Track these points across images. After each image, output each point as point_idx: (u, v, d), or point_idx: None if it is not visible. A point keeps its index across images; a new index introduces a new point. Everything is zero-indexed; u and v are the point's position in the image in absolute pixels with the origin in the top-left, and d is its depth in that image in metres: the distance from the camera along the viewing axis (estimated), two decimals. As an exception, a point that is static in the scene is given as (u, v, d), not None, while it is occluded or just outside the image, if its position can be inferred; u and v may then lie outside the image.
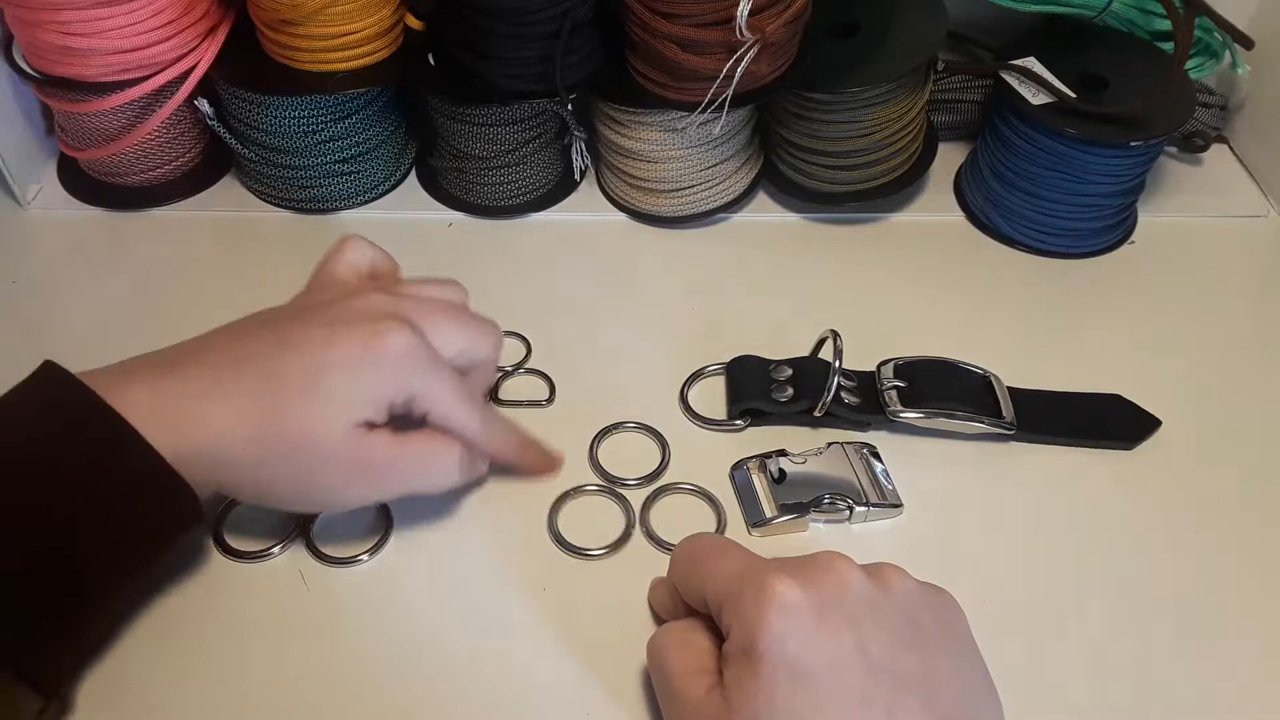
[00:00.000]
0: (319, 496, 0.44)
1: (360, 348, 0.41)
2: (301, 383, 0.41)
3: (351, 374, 0.41)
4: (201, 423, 0.40)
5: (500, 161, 0.62)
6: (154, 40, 0.58)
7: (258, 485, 0.42)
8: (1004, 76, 0.61)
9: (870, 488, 0.49)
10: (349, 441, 0.41)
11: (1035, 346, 0.57)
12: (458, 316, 0.46)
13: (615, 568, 0.47)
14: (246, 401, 0.40)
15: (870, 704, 0.34)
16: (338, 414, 0.41)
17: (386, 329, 0.42)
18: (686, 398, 0.54)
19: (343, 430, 0.41)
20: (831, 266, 0.62)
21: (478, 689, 0.42)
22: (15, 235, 0.63)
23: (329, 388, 0.41)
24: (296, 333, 0.42)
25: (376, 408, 0.42)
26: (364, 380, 0.41)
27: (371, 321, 0.42)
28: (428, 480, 0.45)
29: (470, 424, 0.44)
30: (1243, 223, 0.66)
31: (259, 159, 0.63)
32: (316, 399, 0.41)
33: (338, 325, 0.42)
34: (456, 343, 0.45)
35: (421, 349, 0.42)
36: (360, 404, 0.41)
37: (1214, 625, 0.45)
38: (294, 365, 0.41)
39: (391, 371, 0.42)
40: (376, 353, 0.41)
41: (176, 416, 0.39)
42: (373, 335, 0.41)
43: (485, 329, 0.47)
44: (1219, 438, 0.53)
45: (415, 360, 0.42)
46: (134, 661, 0.43)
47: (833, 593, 0.36)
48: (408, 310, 0.43)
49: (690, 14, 0.54)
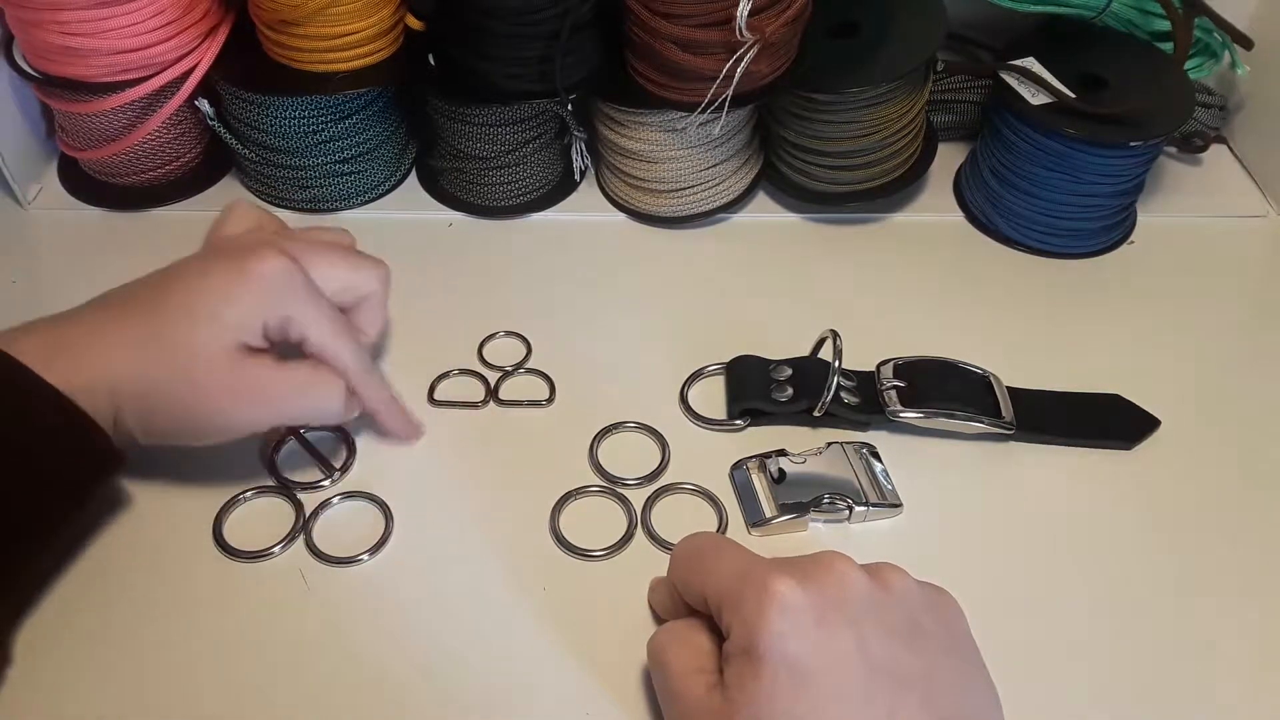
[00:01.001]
0: (205, 422, 0.44)
1: (233, 271, 0.44)
2: (178, 307, 0.43)
3: (225, 296, 0.43)
4: (88, 356, 0.42)
5: (500, 161, 0.62)
6: (154, 40, 0.58)
7: (145, 413, 0.43)
8: (1004, 76, 0.61)
9: (870, 488, 0.49)
10: (229, 362, 0.43)
11: (1035, 346, 0.57)
12: (336, 251, 0.48)
13: (616, 568, 0.47)
14: (131, 332, 0.42)
15: (870, 704, 0.34)
16: (215, 334, 0.43)
17: (260, 254, 0.44)
18: (686, 398, 0.54)
19: (221, 350, 0.43)
20: (831, 266, 0.62)
21: (478, 689, 0.42)
22: (16, 235, 0.63)
23: (204, 308, 0.43)
24: (178, 269, 0.45)
25: (250, 329, 0.44)
26: (237, 300, 0.43)
27: (248, 249, 0.45)
28: (311, 409, 0.46)
29: (343, 355, 0.46)
30: (1242, 223, 0.66)
31: (259, 159, 0.63)
32: (193, 319, 0.43)
33: (215, 256, 0.45)
34: (338, 276, 0.48)
35: (295, 273, 0.45)
36: (233, 324, 0.43)
37: (1214, 625, 0.45)
38: (174, 293, 0.44)
39: (264, 292, 0.44)
40: (248, 273, 0.44)
41: (67, 354, 0.41)
42: (248, 259, 0.44)
43: (369, 262, 0.49)
44: (1218, 438, 0.53)
45: (288, 283, 0.44)
46: (134, 662, 0.43)
47: (833, 593, 0.36)
48: (287, 244, 0.46)
49: (690, 14, 0.54)
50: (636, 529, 0.48)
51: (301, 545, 0.47)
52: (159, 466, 0.48)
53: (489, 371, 0.55)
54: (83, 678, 0.42)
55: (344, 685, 0.42)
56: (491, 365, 0.55)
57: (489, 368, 0.55)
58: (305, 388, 0.45)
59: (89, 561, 0.46)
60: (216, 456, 0.47)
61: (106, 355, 0.42)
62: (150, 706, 0.42)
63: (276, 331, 0.45)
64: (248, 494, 0.49)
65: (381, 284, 0.50)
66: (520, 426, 0.53)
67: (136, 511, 0.48)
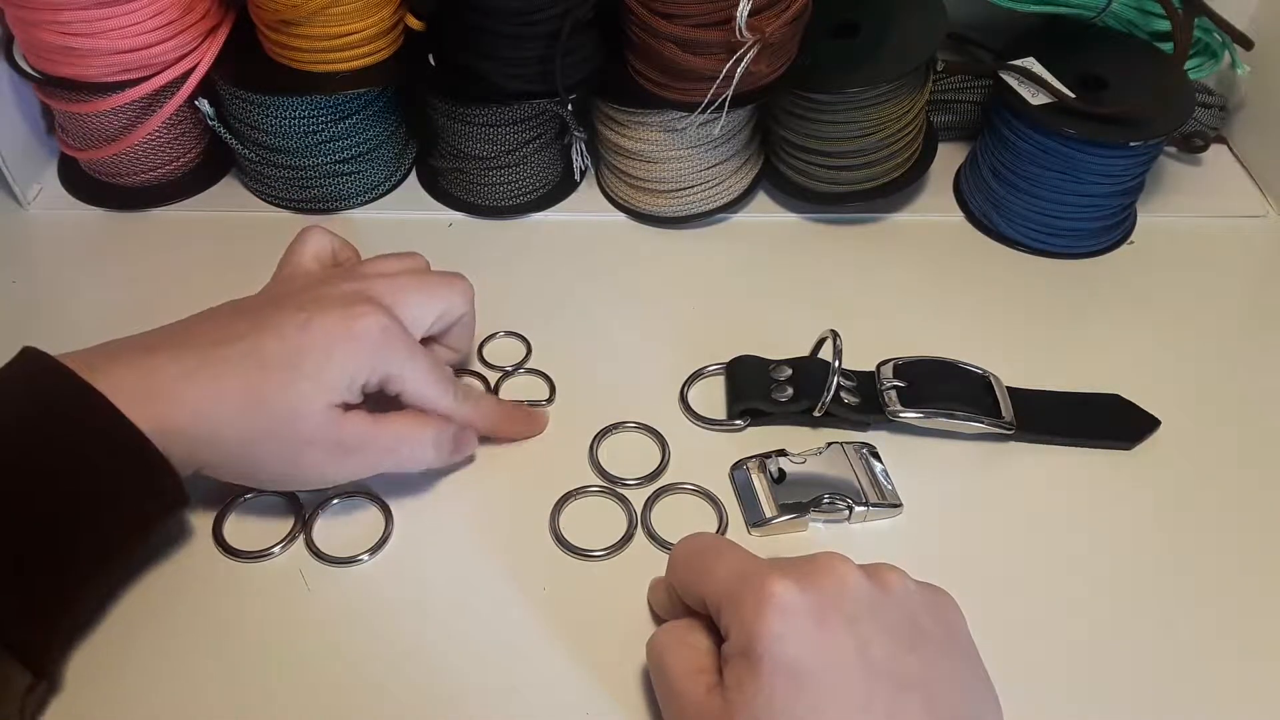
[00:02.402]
0: (299, 474, 0.45)
1: (336, 330, 0.43)
2: (281, 364, 0.42)
3: (328, 355, 0.43)
4: (183, 402, 0.41)
5: (500, 161, 0.62)
6: (154, 40, 0.58)
7: (239, 464, 0.43)
8: (1003, 77, 0.61)
9: (870, 488, 0.49)
10: (326, 421, 0.43)
11: (1035, 346, 0.57)
12: (425, 285, 0.48)
13: (616, 568, 0.47)
14: (227, 382, 0.42)
15: (870, 705, 0.34)
16: (316, 393, 0.43)
17: (361, 312, 0.44)
18: (686, 398, 0.54)
19: (321, 410, 0.43)
20: (831, 266, 0.62)
21: (478, 689, 0.42)
22: (16, 235, 0.63)
23: (307, 368, 0.43)
24: (274, 317, 0.44)
25: (351, 389, 0.44)
26: (339, 361, 0.43)
27: (346, 305, 0.44)
28: (404, 459, 0.47)
29: (442, 400, 0.47)
30: (1242, 223, 0.66)
31: (259, 159, 0.63)
32: (296, 379, 0.42)
33: (313, 309, 0.44)
34: (430, 311, 0.48)
35: (394, 330, 0.44)
36: (336, 385, 0.43)
37: (1214, 625, 0.45)
38: (273, 347, 0.43)
39: (366, 353, 0.43)
40: (352, 335, 0.43)
41: (158, 396, 0.41)
42: (348, 318, 0.43)
43: (453, 286, 0.49)
44: (1218, 438, 0.53)
45: (388, 342, 0.44)
46: (134, 662, 0.43)
47: (832, 594, 0.36)
48: (378, 291, 0.46)
49: (690, 14, 0.54)
50: (636, 529, 0.48)
51: (301, 545, 0.47)
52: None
53: (489, 371, 0.55)
54: (83, 677, 0.42)
55: (344, 685, 0.42)
56: (491, 365, 0.55)
57: (489, 368, 0.55)
58: (399, 440, 0.46)
59: (89, 561, 0.46)
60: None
61: (197, 407, 0.41)
62: (150, 707, 0.42)
63: (374, 388, 0.45)
64: (248, 494, 0.49)
65: (469, 304, 0.50)
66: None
67: (136, 511, 0.48)
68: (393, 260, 0.49)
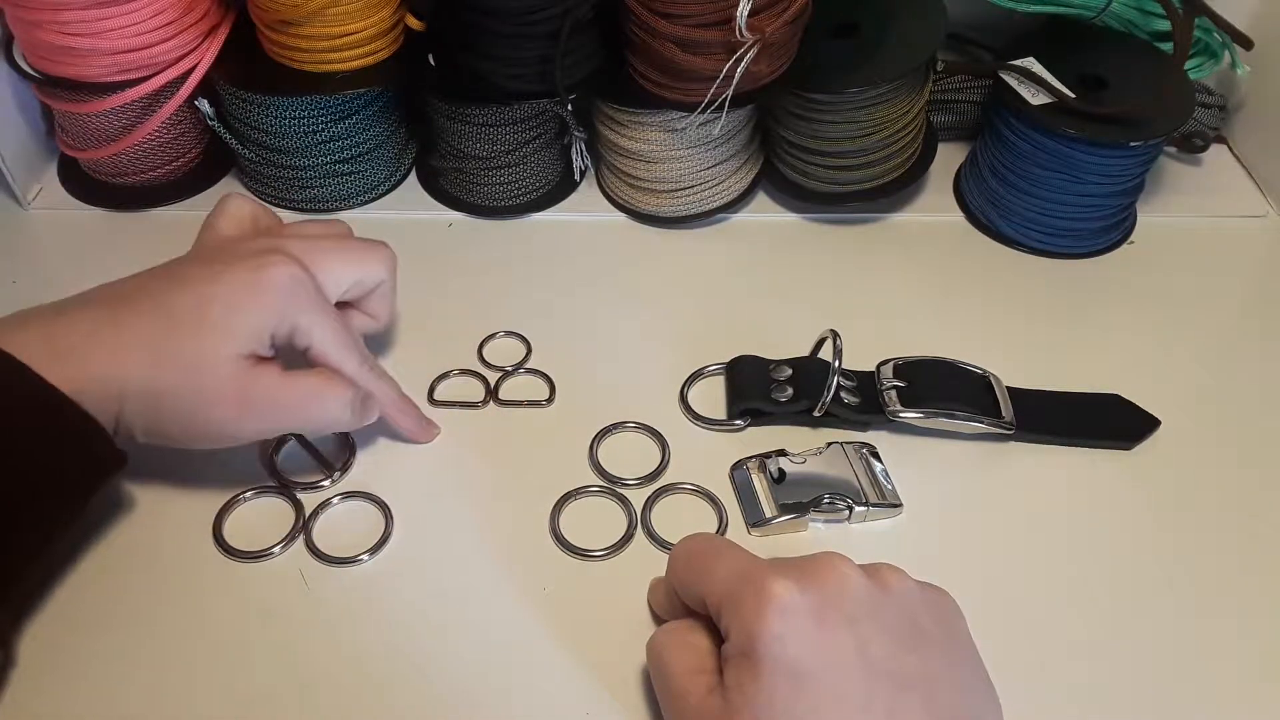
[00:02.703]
0: (210, 429, 0.44)
1: (244, 280, 0.43)
2: (188, 314, 0.42)
3: (235, 304, 0.43)
4: (94, 357, 0.41)
5: (500, 161, 0.62)
6: (154, 40, 0.58)
7: (149, 420, 0.43)
8: (1003, 77, 0.61)
9: (870, 488, 0.49)
10: (235, 372, 0.43)
11: (1035, 346, 0.57)
12: (343, 249, 0.48)
13: (616, 568, 0.47)
14: (136, 335, 0.42)
15: (870, 705, 0.34)
16: (223, 343, 0.43)
17: (270, 261, 0.44)
18: (686, 398, 0.54)
19: (229, 360, 0.43)
20: (831, 266, 0.62)
21: (478, 689, 0.42)
22: (16, 235, 0.63)
23: (214, 318, 0.43)
24: (182, 271, 0.45)
25: (259, 339, 0.43)
26: (247, 309, 0.43)
27: (256, 256, 0.44)
28: (317, 417, 0.46)
29: (348, 362, 0.46)
30: (1242, 223, 0.66)
31: (259, 159, 0.63)
32: (203, 329, 0.42)
33: (223, 262, 0.44)
34: (346, 275, 0.48)
35: (304, 282, 0.45)
36: (243, 333, 0.43)
37: (1214, 624, 0.45)
38: (180, 300, 0.43)
39: (273, 302, 0.43)
40: (259, 283, 0.43)
41: (66, 355, 0.41)
42: (256, 268, 0.44)
43: (373, 252, 0.49)
44: (1218, 438, 0.53)
45: (296, 291, 0.44)
46: (134, 662, 0.43)
47: (832, 594, 0.36)
48: (292, 248, 0.46)
49: (690, 14, 0.54)
50: (636, 529, 0.48)
51: (301, 545, 0.47)
52: (159, 466, 0.48)
53: (489, 371, 0.55)
54: (83, 677, 0.42)
55: (344, 685, 0.42)
56: (491, 365, 0.55)
57: (489, 368, 0.55)
58: (313, 397, 0.45)
59: (89, 561, 0.46)
60: (216, 457, 0.47)
61: (113, 358, 0.41)
62: (150, 706, 0.42)
63: (283, 340, 0.45)
64: (248, 494, 0.49)
65: (389, 271, 0.50)
66: (520, 426, 0.53)
67: (136, 511, 0.48)
68: (314, 225, 0.50)
